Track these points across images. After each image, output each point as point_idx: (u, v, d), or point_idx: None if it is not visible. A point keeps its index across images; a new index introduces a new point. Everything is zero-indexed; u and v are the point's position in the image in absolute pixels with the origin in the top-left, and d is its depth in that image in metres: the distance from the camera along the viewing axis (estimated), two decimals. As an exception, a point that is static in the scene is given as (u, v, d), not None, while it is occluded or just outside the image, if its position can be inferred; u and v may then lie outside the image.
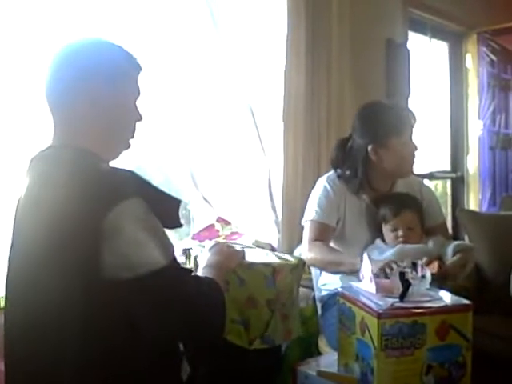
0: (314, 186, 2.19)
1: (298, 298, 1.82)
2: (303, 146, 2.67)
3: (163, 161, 2.60)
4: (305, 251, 2.03)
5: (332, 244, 2.08)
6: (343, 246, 2.08)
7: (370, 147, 2.03)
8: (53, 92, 1.27)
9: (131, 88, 1.33)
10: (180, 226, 1.30)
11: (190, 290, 1.20)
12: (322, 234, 2.05)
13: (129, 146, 1.36)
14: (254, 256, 1.75)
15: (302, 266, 1.83)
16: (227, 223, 2.46)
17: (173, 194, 1.31)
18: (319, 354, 2.07)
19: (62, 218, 1.12)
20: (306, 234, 2.07)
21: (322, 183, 2.14)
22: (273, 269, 1.67)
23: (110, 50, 1.31)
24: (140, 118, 1.36)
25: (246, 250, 1.72)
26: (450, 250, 1.86)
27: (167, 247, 1.18)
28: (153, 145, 2.36)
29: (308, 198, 2.17)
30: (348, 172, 2.10)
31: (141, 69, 1.34)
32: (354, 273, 1.77)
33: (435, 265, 1.75)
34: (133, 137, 1.36)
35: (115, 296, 1.10)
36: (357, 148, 2.07)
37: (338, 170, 2.14)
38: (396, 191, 2.13)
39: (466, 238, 2.80)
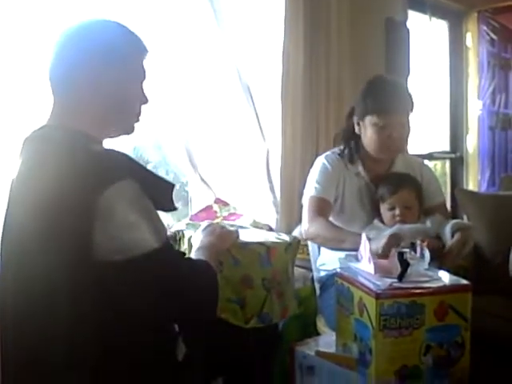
0: (311, 167, 2.18)
1: (293, 275, 1.83)
2: (301, 127, 2.65)
3: (161, 141, 2.59)
4: (306, 226, 2.03)
5: (332, 221, 2.08)
6: (342, 224, 2.08)
7: (355, 118, 2.09)
8: (56, 71, 1.26)
9: (136, 70, 1.32)
10: (174, 209, 1.30)
11: (182, 272, 1.21)
12: (322, 209, 2.05)
13: (133, 129, 1.35)
14: (248, 236, 1.75)
15: (296, 244, 1.83)
16: (225, 204, 2.45)
17: (170, 174, 1.30)
18: (317, 334, 2.08)
19: (54, 198, 1.11)
20: (306, 210, 2.07)
21: (321, 161, 2.15)
22: (267, 248, 1.67)
23: (116, 31, 1.30)
24: (146, 101, 1.34)
25: (240, 230, 1.72)
26: (447, 229, 1.85)
27: (160, 230, 1.18)
28: (151, 125, 2.34)
29: (306, 178, 2.17)
30: (343, 146, 2.15)
31: (147, 51, 1.33)
32: (356, 250, 1.78)
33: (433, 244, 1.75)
34: (138, 120, 1.35)
35: (107, 277, 1.10)
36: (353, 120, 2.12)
37: (337, 148, 2.16)
38: (395, 171, 2.12)
39: (465, 217, 2.80)
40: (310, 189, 2.10)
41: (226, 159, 2.60)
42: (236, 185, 2.61)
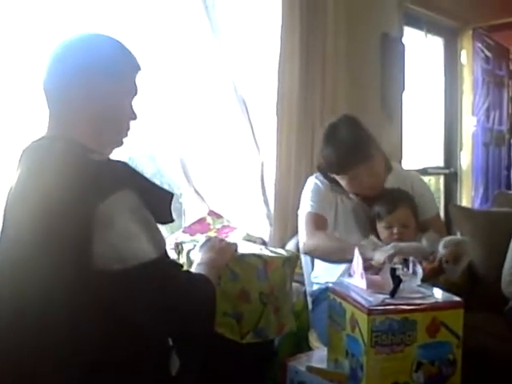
0: (305, 181, 2.19)
1: (291, 291, 1.82)
2: (296, 140, 2.66)
3: (156, 152, 2.59)
4: (305, 240, 2.04)
5: None
6: None
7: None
8: (50, 83, 1.27)
9: (128, 87, 1.33)
10: (172, 221, 1.30)
11: (179, 284, 1.21)
12: (320, 224, 2.06)
13: (121, 143, 1.36)
14: (245, 250, 1.74)
15: (295, 258, 1.82)
16: (219, 217, 2.44)
17: (165, 186, 1.30)
18: (310, 348, 2.07)
19: (53, 207, 1.11)
20: (304, 225, 2.08)
21: (313, 180, 2.17)
22: (264, 261, 1.66)
23: (111, 46, 1.31)
24: (134, 118, 1.35)
25: (240, 244, 1.71)
26: (440, 246, 1.85)
27: (158, 241, 1.18)
28: (146, 136, 2.34)
29: (301, 192, 2.18)
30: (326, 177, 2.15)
31: (139, 68, 1.35)
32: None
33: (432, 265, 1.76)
34: (126, 135, 1.36)
35: (104, 286, 1.10)
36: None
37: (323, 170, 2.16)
38: (387, 188, 2.12)
39: (458, 234, 2.80)
40: (306, 206, 2.10)
41: (220, 171, 2.60)
42: (230, 197, 2.61)
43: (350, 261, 1.79)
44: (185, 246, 1.75)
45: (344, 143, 1.99)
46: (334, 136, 2.03)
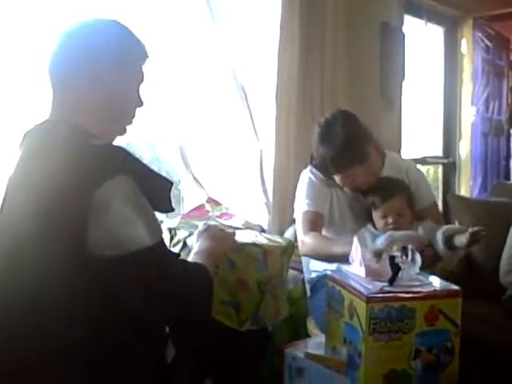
0: (305, 167, 2.19)
1: (286, 278, 1.82)
2: (295, 128, 2.65)
3: (154, 139, 2.58)
4: (300, 242, 2.03)
5: (323, 232, 2.08)
6: (333, 235, 2.09)
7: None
8: (55, 69, 1.26)
9: (135, 73, 1.32)
10: (172, 209, 1.29)
11: (175, 271, 1.20)
12: (315, 223, 2.05)
13: (125, 131, 1.36)
14: (243, 237, 1.74)
15: (291, 247, 1.82)
16: (217, 204, 2.43)
17: (163, 173, 1.29)
18: (307, 335, 2.08)
19: (51, 191, 1.11)
20: (300, 227, 2.08)
21: (307, 175, 2.16)
22: (264, 251, 1.66)
23: (118, 32, 1.30)
24: (141, 105, 1.35)
25: (236, 231, 1.71)
26: (439, 235, 1.85)
27: (155, 228, 1.18)
28: (144, 122, 2.33)
29: (299, 179, 2.17)
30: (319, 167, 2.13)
31: (147, 56, 1.34)
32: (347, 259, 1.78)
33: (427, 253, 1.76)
34: (131, 123, 1.35)
35: (100, 273, 1.10)
36: None
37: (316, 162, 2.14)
38: (382, 176, 2.11)
39: (457, 223, 2.81)
40: (302, 204, 2.10)
41: (219, 159, 2.59)
42: (229, 184, 2.61)
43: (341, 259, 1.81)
44: (179, 232, 1.75)
45: (338, 144, 1.95)
46: (330, 135, 2.00)
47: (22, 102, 1.96)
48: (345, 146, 1.95)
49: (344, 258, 1.80)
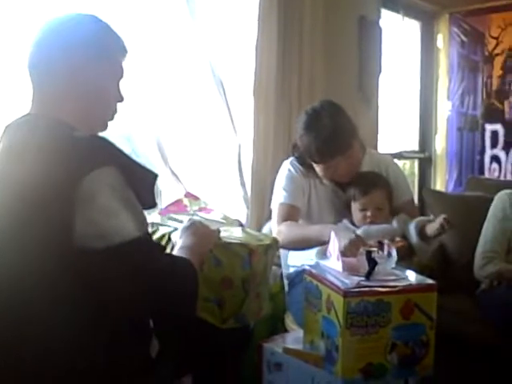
0: (282, 163, 2.19)
1: (269, 276, 1.83)
2: (274, 122, 2.65)
3: (131, 133, 2.56)
4: (276, 234, 2.03)
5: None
6: None
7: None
8: (34, 62, 1.26)
9: (114, 69, 1.33)
10: (155, 205, 1.28)
11: (161, 264, 1.20)
12: (291, 215, 2.06)
13: (106, 126, 1.35)
14: (228, 234, 1.74)
15: (275, 245, 1.83)
16: (196, 198, 2.42)
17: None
18: (286, 330, 2.09)
19: (35, 183, 1.10)
20: (275, 218, 2.09)
21: (287, 167, 2.17)
22: (249, 250, 1.65)
23: (97, 27, 1.30)
24: (121, 100, 1.35)
25: (220, 228, 1.71)
26: (411, 227, 1.88)
27: (141, 220, 1.18)
28: (121, 116, 2.31)
29: (277, 173, 2.18)
30: (303, 158, 2.13)
31: (126, 51, 1.34)
32: (322, 243, 1.80)
33: (399, 243, 1.78)
34: (112, 118, 1.35)
35: (87, 265, 1.09)
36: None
37: (296, 155, 2.16)
38: (363, 171, 2.13)
39: (432, 216, 2.83)
40: (279, 196, 2.11)
41: (197, 153, 2.59)
42: (207, 179, 2.60)
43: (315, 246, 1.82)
44: (161, 228, 1.74)
45: (325, 133, 1.97)
46: (316, 123, 2.01)
47: (2, 96, 1.93)
48: (331, 136, 1.96)
49: (318, 243, 1.82)
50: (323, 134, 1.97)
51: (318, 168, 2.07)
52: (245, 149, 2.65)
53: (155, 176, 1.26)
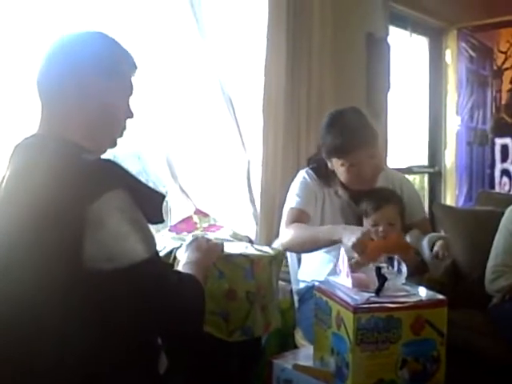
0: (292, 179, 2.20)
1: (277, 289, 1.83)
2: (283, 139, 2.67)
3: (141, 150, 2.58)
4: (282, 236, 2.04)
5: None
6: None
7: (324, 155, 2.09)
8: (43, 81, 1.26)
9: (124, 85, 1.33)
10: (162, 221, 1.29)
11: (169, 284, 1.21)
12: (299, 219, 2.04)
13: (116, 144, 1.35)
14: (232, 249, 1.75)
15: (281, 257, 1.83)
16: (205, 215, 2.44)
17: (150, 184, 1.30)
18: (296, 346, 2.08)
19: (44, 208, 1.10)
20: (284, 221, 2.08)
21: (302, 175, 2.17)
22: (251, 261, 1.67)
23: (105, 44, 1.30)
24: (131, 116, 1.35)
25: (225, 243, 1.72)
26: (425, 243, 1.87)
27: (149, 241, 1.18)
28: (131, 134, 2.33)
29: (287, 190, 2.18)
30: (319, 168, 2.14)
31: (136, 67, 1.34)
32: (334, 244, 1.80)
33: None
34: (121, 135, 1.35)
35: (95, 287, 1.10)
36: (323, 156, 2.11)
37: (313, 165, 2.17)
38: (376, 187, 2.13)
39: (442, 232, 2.82)
40: (291, 201, 2.11)
41: (206, 170, 2.60)
42: (216, 196, 2.61)
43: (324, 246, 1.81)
44: (168, 244, 1.75)
45: (351, 126, 1.98)
46: (341, 119, 2.03)
47: (12, 114, 1.96)
48: (357, 127, 1.98)
49: (327, 242, 1.82)
50: (349, 125, 1.99)
51: (340, 169, 2.04)
52: (254, 165, 2.66)
53: (163, 196, 1.27)
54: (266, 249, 1.88)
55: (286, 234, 2.01)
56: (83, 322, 1.11)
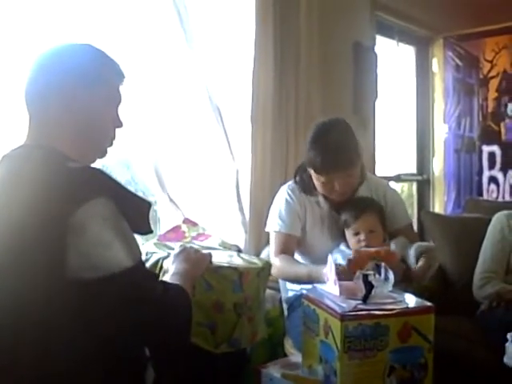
0: (279, 189, 2.21)
1: (264, 300, 1.82)
2: (271, 148, 2.68)
3: (129, 160, 2.58)
4: (273, 265, 2.05)
5: (297, 249, 2.12)
6: (305, 250, 2.12)
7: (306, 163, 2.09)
8: (30, 92, 1.27)
9: (111, 95, 1.33)
10: (151, 231, 1.28)
11: (154, 294, 1.19)
12: (287, 245, 2.09)
13: (105, 153, 1.35)
14: (219, 258, 1.75)
15: (268, 268, 1.83)
16: (194, 224, 2.44)
17: (139, 193, 1.29)
18: (285, 355, 2.08)
19: (28, 214, 1.10)
20: (272, 247, 2.12)
21: (283, 193, 2.18)
22: (240, 273, 1.66)
23: (93, 55, 1.31)
24: (120, 125, 1.35)
25: (212, 252, 1.71)
26: (411, 251, 1.88)
27: (133, 250, 1.17)
28: (119, 143, 2.33)
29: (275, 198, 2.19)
30: (300, 180, 2.16)
31: (124, 77, 1.35)
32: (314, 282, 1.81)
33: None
34: (111, 145, 1.35)
35: (79, 297, 1.09)
36: None
37: (297, 177, 2.18)
38: (357, 196, 2.14)
39: (431, 240, 2.84)
40: (274, 224, 2.13)
41: (195, 179, 2.60)
42: (205, 205, 2.61)
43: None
44: (154, 254, 1.75)
45: (332, 146, 1.98)
46: (325, 137, 2.02)
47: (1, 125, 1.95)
48: (337, 150, 1.97)
49: (308, 280, 1.84)
50: (330, 147, 1.98)
51: (317, 182, 2.06)
52: (243, 174, 2.66)
53: (149, 204, 1.26)
54: (253, 259, 1.88)
55: (274, 265, 2.04)
56: (66, 332, 1.10)
